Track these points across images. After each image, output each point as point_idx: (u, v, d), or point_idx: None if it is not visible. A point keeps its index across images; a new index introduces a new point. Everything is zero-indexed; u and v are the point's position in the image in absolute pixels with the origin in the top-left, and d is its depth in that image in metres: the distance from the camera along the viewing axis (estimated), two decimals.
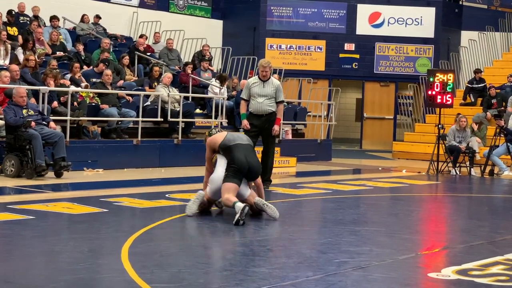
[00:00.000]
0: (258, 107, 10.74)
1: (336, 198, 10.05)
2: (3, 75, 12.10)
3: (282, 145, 16.74)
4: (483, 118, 18.78)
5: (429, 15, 23.16)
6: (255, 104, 10.76)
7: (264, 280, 5.18)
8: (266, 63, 10.65)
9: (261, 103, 10.71)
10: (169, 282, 5.08)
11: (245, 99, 10.91)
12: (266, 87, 10.71)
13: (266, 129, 10.70)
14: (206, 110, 16.90)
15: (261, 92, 10.69)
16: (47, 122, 11.50)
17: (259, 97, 10.71)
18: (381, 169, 16.13)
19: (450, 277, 5.46)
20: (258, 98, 10.72)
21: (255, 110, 10.77)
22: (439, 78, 15.24)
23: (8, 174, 11.09)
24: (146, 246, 6.43)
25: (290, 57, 23.04)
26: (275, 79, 11.03)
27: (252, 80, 10.90)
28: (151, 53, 18.35)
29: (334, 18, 23.16)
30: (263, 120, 10.73)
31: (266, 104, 10.72)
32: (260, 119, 10.74)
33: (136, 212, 8.48)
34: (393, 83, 23.56)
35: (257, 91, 10.72)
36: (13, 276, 5.15)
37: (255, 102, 10.76)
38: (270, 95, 10.73)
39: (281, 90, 10.85)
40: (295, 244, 6.77)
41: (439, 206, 10.91)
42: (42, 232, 6.94)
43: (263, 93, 10.69)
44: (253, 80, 10.87)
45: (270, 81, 10.78)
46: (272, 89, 10.73)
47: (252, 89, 10.76)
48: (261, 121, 10.73)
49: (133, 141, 13.81)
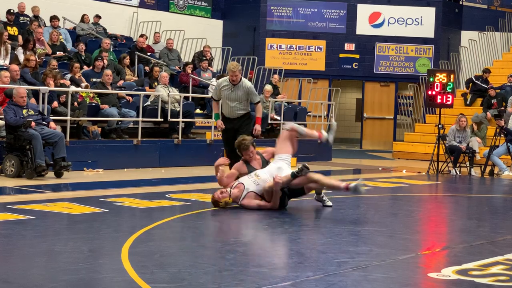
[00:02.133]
0: (230, 111, 10.44)
1: (336, 198, 10.04)
2: (3, 75, 12.10)
3: None
4: (483, 118, 18.79)
5: (429, 15, 23.17)
6: (227, 107, 10.47)
7: (264, 280, 5.18)
8: (235, 67, 10.22)
9: (233, 107, 10.40)
10: (169, 282, 5.08)
11: (215, 100, 10.71)
12: (235, 91, 10.34)
13: (239, 130, 10.30)
14: (206, 110, 16.90)
15: (230, 96, 10.37)
16: (47, 122, 11.50)
17: (230, 101, 10.41)
18: (381, 169, 16.13)
19: (450, 277, 5.46)
20: (230, 102, 10.42)
21: (227, 113, 10.50)
22: (439, 78, 15.25)
23: (8, 174, 11.10)
24: (146, 246, 6.43)
25: (290, 57, 23.05)
26: (246, 81, 10.57)
27: (223, 82, 10.50)
28: (151, 53, 18.36)
29: (334, 18, 23.17)
30: (235, 122, 10.45)
31: (238, 108, 10.41)
32: (233, 122, 10.47)
33: (136, 212, 8.48)
34: (393, 83, 23.57)
35: (227, 95, 10.40)
36: (13, 276, 5.15)
37: (226, 106, 10.46)
38: (241, 99, 10.40)
39: (253, 92, 10.45)
40: (295, 244, 6.77)
41: (439, 206, 10.90)
42: (42, 232, 6.94)
43: (233, 97, 10.37)
44: (224, 83, 10.47)
45: (241, 84, 10.37)
46: (243, 93, 10.36)
47: (222, 92, 10.44)
48: (233, 123, 10.45)
49: (133, 141, 13.82)
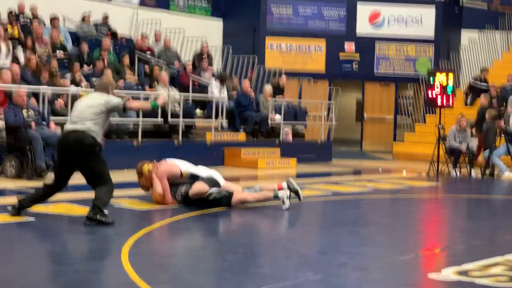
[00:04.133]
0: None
1: (336, 199, 10.05)
2: (4, 74, 12.10)
3: (282, 146, 16.72)
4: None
5: (429, 14, 23.16)
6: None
7: (264, 280, 5.18)
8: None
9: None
10: (169, 282, 5.09)
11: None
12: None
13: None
14: (206, 111, 16.89)
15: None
16: (47, 123, 11.49)
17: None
18: (381, 170, 16.13)
19: (450, 278, 5.46)
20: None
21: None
22: (439, 79, 15.22)
23: (8, 175, 11.09)
24: (147, 247, 6.44)
25: (290, 57, 23.04)
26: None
27: None
28: (151, 52, 18.33)
29: (334, 17, 23.16)
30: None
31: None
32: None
33: (136, 213, 8.48)
34: (393, 83, 23.55)
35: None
36: (13, 276, 5.15)
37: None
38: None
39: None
40: (296, 245, 6.78)
41: (439, 206, 10.91)
42: (42, 233, 6.95)
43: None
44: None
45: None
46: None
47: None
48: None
49: (134, 142, 13.81)
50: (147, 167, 8.73)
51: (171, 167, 8.82)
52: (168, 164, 8.88)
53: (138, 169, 8.82)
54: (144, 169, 8.74)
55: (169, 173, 8.75)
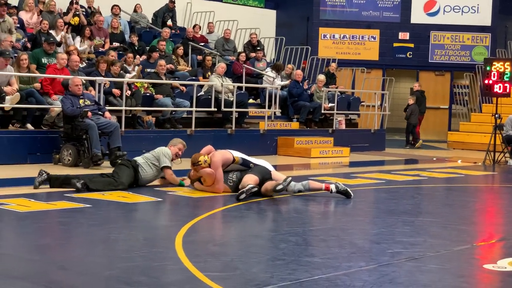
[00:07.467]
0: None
1: (390, 188, 9.97)
2: (60, 58, 12.35)
3: (336, 135, 16.67)
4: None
5: (486, 2, 22.74)
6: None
7: (317, 269, 5.18)
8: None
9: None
10: (222, 271, 5.12)
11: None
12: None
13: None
14: (260, 100, 16.92)
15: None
16: (103, 112, 11.66)
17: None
18: (436, 159, 15.94)
19: (506, 269, 5.38)
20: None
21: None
22: (496, 67, 14.98)
23: (65, 163, 11.31)
24: (200, 235, 6.49)
25: (343, 47, 22.90)
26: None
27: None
28: (204, 43, 18.43)
29: (388, 6, 22.93)
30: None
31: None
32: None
33: (189, 201, 8.56)
34: (448, 72, 23.23)
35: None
36: (70, 263, 5.25)
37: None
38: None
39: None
40: (348, 234, 6.75)
41: (495, 197, 10.73)
42: (98, 220, 7.07)
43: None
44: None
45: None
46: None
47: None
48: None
49: (187, 131, 13.92)
50: (203, 158, 8.86)
51: (224, 154, 8.96)
52: (221, 153, 9.00)
53: (193, 160, 8.91)
54: (200, 159, 8.85)
55: (223, 161, 8.89)
